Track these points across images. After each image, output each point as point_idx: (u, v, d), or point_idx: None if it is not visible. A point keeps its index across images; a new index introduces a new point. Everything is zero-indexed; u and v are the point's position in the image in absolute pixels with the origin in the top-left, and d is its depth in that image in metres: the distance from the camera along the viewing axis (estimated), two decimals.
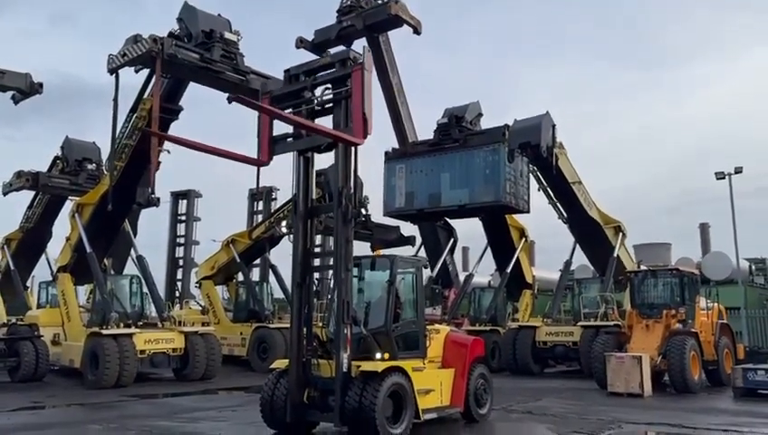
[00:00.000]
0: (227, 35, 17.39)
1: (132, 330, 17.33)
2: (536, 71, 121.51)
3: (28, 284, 26.39)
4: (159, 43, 15.88)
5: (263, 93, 10.87)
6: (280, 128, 10.53)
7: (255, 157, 10.33)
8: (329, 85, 10.21)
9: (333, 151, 9.95)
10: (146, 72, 17.34)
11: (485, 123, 23.86)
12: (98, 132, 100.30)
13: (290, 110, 10.31)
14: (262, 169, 12.10)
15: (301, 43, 19.54)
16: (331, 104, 10.18)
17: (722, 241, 43.19)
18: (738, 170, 26.59)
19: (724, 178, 26.88)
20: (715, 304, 17.65)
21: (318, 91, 10.32)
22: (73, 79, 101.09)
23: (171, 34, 17.10)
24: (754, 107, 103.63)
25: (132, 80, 17.72)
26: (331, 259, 9.94)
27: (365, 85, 9.45)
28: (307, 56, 18.27)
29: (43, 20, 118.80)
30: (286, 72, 10.69)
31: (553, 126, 20.58)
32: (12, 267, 24.31)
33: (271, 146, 10.37)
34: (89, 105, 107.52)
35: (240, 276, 25.79)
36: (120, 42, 16.83)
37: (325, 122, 10.18)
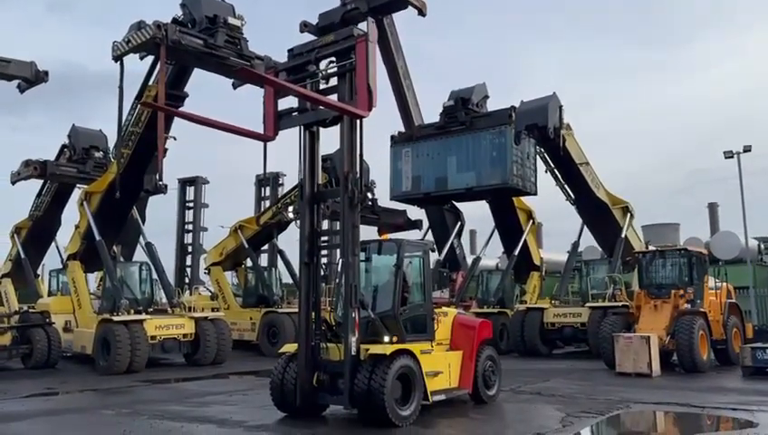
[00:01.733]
0: (231, 20, 17.29)
1: (143, 316, 17.48)
2: (541, 51, 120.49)
3: (39, 272, 26.59)
4: (163, 30, 15.80)
5: (267, 68, 10.79)
6: (285, 105, 10.53)
7: (261, 132, 10.32)
8: (333, 59, 10.12)
9: (339, 133, 9.87)
10: (150, 59, 17.32)
11: (492, 105, 23.75)
12: (102, 119, 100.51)
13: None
14: (269, 156, 12.10)
15: (305, 27, 19.32)
16: (335, 80, 10.11)
17: (731, 220, 43.04)
18: (747, 149, 26.36)
19: (732, 156, 26.69)
20: (724, 284, 17.59)
21: (322, 66, 10.23)
22: (75, 67, 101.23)
23: (175, 20, 17.04)
24: (761, 84, 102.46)
25: (137, 67, 17.74)
26: (338, 238, 9.95)
27: (369, 57, 9.33)
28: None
29: (41, 9, 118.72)
30: (290, 51, 10.63)
31: (560, 107, 20.45)
32: (22, 256, 24.46)
33: (276, 121, 10.32)
34: (92, 93, 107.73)
35: (249, 262, 25.93)
36: (120, 27, 16.85)
37: None
